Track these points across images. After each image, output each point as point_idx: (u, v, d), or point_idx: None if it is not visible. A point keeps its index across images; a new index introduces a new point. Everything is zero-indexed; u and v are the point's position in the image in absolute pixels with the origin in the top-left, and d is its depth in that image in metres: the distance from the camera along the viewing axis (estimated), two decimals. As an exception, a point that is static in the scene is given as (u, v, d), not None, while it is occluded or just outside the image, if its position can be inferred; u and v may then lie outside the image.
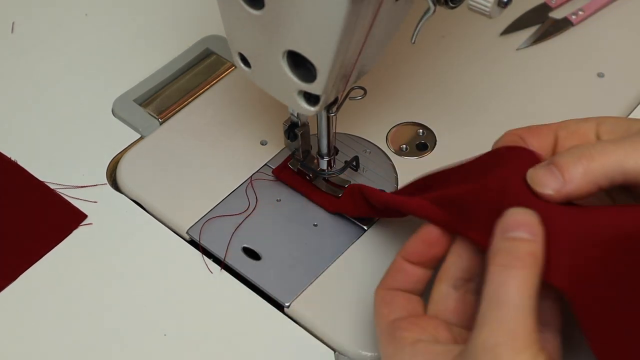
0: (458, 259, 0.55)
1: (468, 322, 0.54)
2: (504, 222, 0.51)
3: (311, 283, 0.63)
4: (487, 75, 0.76)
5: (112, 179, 0.70)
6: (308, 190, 0.67)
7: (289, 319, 0.62)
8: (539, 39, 0.79)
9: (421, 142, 0.71)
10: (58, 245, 0.65)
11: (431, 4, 0.54)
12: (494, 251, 0.50)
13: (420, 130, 0.72)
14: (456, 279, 0.55)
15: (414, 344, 0.52)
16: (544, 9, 0.81)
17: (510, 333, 0.48)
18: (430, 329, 0.53)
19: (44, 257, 0.64)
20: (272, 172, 0.69)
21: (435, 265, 0.56)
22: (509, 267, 0.49)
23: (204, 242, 0.65)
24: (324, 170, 0.67)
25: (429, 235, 0.56)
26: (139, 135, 0.72)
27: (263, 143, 0.71)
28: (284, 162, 0.69)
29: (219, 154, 0.70)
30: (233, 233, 0.65)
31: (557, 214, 0.52)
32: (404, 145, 0.71)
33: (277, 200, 0.67)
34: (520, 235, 0.50)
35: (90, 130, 0.73)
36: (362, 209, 0.65)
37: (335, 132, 0.66)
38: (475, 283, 0.55)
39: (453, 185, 0.57)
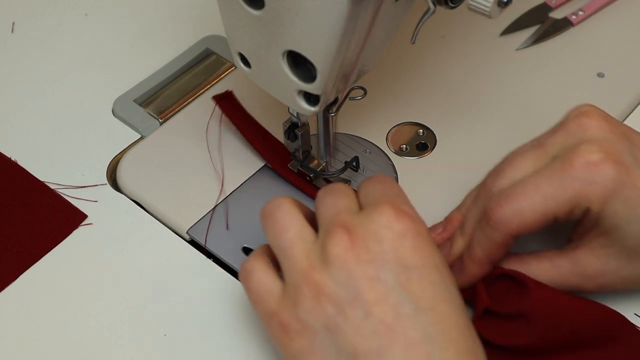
0: None
1: None
2: None
3: (311, 283, 0.63)
4: (487, 75, 0.76)
5: (112, 179, 0.70)
6: (250, 133, 0.68)
7: (289, 319, 0.62)
8: (539, 39, 0.79)
9: (421, 142, 0.71)
10: (58, 245, 0.65)
11: (431, 4, 0.54)
12: None
13: (420, 130, 0.72)
14: None
15: None
16: (544, 9, 0.81)
17: None
18: None
19: (44, 257, 0.64)
20: (212, 98, 0.69)
21: None
22: None
23: (204, 242, 0.65)
24: (324, 171, 0.67)
25: None
26: (139, 135, 0.72)
27: (263, 143, 0.71)
28: (227, 92, 0.70)
29: (219, 154, 0.70)
30: (233, 233, 0.65)
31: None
32: (404, 145, 0.71)
33: (277, 200, 0.67)
34: None
35: (90, 130, 0.73)
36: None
37: (335, 132, 0.66)
38: None
39: None
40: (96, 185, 0.69)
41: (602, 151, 0.54)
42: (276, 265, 0.55)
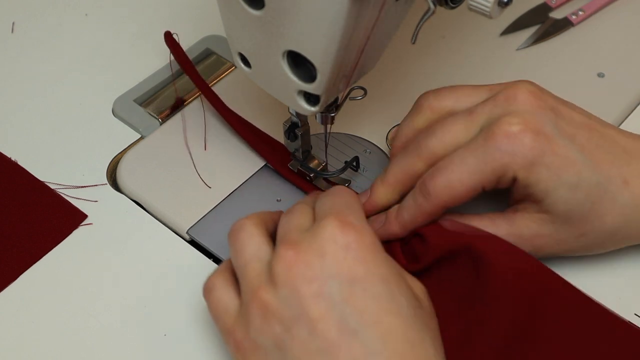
0: None
1: None
2: None
3: (311, 283, 0.63)
4: (487, 75, 0.76)
5: (112, 179, 0.70)
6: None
7: (289, 319, 0.62)
8: (539, 39, 0.79)
9: (421, 142, 0.71)
10: (58, 245, 0.65)
11: (431, 4, 0.54)
12: None
13: (420, 130, 0.72)
14: None
15: None
16: (544, 9, 0.81)
17: None
18: None
19: (44, 257, 0.64)
20: (165, 34, 0.71)
21: None
22: None
23: (204, 242, 0.65)
24: (324, 171, 0.67)
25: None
26: (139, 135, 0.72)
27: (263, 143, 0.71)
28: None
29: (219, 154, 0.70)
30: (233, 233, 0.65)
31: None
32: (404, 145, 0.71)
33: (277, 200, 0.67)
34: None
35: (90, 130, 0.73)
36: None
37: (332, 132, 0.65)
38: None
39: None
40: (96, 185, 0.69)
41: (522, 123, 0.56)
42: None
